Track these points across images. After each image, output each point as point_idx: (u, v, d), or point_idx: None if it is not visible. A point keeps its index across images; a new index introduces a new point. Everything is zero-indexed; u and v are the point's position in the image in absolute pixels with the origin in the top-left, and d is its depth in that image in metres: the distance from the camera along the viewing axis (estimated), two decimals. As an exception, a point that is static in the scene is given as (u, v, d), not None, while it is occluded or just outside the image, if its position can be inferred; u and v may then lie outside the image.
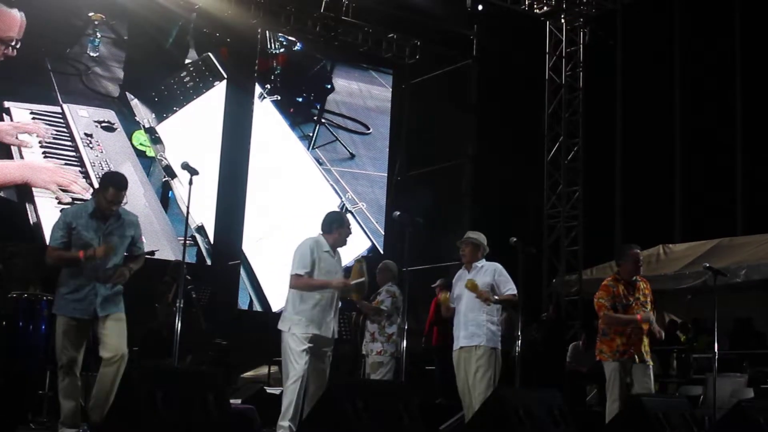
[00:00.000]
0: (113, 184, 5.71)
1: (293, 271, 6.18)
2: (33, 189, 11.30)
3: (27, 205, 11.24)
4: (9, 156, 11.28)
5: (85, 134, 11.91)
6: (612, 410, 6.80)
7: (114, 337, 5.62)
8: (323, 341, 6.18)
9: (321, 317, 6.15)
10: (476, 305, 6.86)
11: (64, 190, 11.41)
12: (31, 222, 11.17)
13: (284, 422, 5.99)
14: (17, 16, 11.37)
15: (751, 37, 14.75)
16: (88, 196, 11.37)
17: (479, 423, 5.61)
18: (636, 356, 6.86)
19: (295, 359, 6.06)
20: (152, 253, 8.43)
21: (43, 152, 11.52)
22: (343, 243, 6.42)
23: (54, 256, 5.69)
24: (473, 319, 6.83)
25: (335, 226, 6.33)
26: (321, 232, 6.34)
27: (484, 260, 6.99)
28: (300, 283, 6.15)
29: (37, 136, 11.49)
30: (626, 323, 6.84)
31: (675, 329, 13.07)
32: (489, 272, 6.94)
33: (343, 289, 6.27)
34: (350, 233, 6.46)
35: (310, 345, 6.09)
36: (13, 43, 11.27)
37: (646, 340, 6.93)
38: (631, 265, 6.97)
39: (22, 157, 11.36)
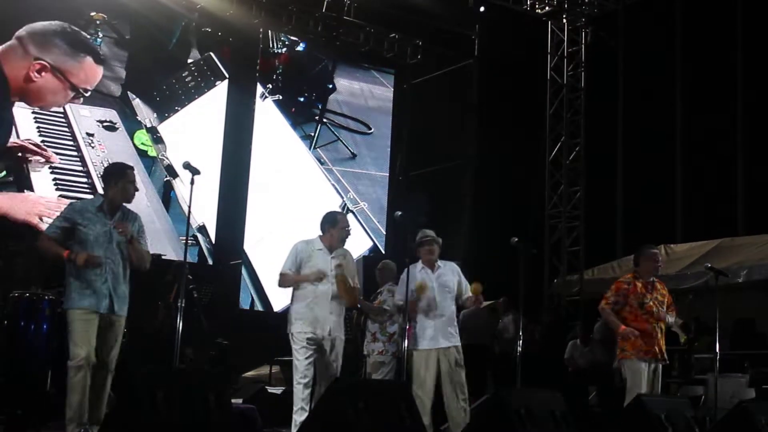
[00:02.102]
0: (126, 166, 5.93)
1: (279, 271, 6.45)
2: (33, 184, 11.27)
3: (29, 204, 11.25)
4: (21, 170, 11.25)
5: (87, 134, 11.91)
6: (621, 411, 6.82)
7: (110, 349, 5.59)
8: (320, 340, 6.30)
9: (314, 315, 6.28)
10: (451, 305, 6.95)
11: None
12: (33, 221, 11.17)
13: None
14: (100, 71, 11.71)
15: (753, 37, 14.73)
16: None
17: (480, 423, 5.61)
18: (658, 354, 6.94)
19: (297, 360, 6.23)
20: (159, 256, 8.45)
21: (45, 152, 11.53)
22: (341, 242, 6.53)
23: (42, 246, 5.68)
24: (450, 319, 6.92)
25: (327, 226, 6.50)
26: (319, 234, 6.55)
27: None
28: (282, 281, 6.46)
29: (45, 160, 11.44)
30: (612, 326, 7.03)
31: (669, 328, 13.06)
32: (454, 272, 7.06)
33: (322, 279, 6.30)
34: (346, 232, 6.57)
35: (310, 344, 6.23)
36: (85, 93, 11.54)
37: (663, 340, 7.01)
38: (651, 263, 7.16)
39: (29, 174, 11.32)
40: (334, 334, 6.36)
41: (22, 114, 11.42)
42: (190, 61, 13.18)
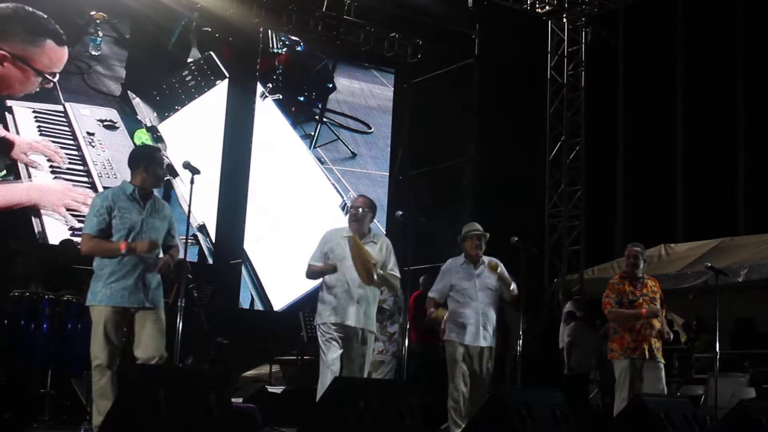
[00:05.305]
0: (153, 148, 5.73)
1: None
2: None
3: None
4: (17, 172, 11.21)
5: (87, 133, 11.91)
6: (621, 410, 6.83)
7: (154, 337, 5.32)
8: (348, 330, 6.15)
9: (341, 305, 6.13)
10: (493, 302, 6.89)
11: (73, 214, 11.25)
12: (33, 220, 11.17)
13: None
14: (63, 52, 11.47)
15: (753, 36, 14.75)
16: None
17: (481, 422, 5.60)
18: (647, 353, 6.92)
19: (324, 351, 6.11)
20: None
21: (45, 151, 11.53)
22: (362, 229, 6.31)
23: (90, 246, 5.25)
24: (492, 319, 6.89)
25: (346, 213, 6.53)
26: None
27: None
28: (308, 272, 6.33)
29: (49, 160, 11.37)
30: (632, 318, 6.97)
31: (671, 328, 13.09)
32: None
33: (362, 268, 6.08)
34: (351, 215, 6.37)
35: (337, 335, 6.10)
36: (53, 77, 11.34)
37: (655, 338, 7.01)
38: (626, 260, 7.25)
39: (29, 174, 11.27)
40: (361, 325, 6.16)
41: (22, 113, 11.43)
42: (190, 60, 13.17)
